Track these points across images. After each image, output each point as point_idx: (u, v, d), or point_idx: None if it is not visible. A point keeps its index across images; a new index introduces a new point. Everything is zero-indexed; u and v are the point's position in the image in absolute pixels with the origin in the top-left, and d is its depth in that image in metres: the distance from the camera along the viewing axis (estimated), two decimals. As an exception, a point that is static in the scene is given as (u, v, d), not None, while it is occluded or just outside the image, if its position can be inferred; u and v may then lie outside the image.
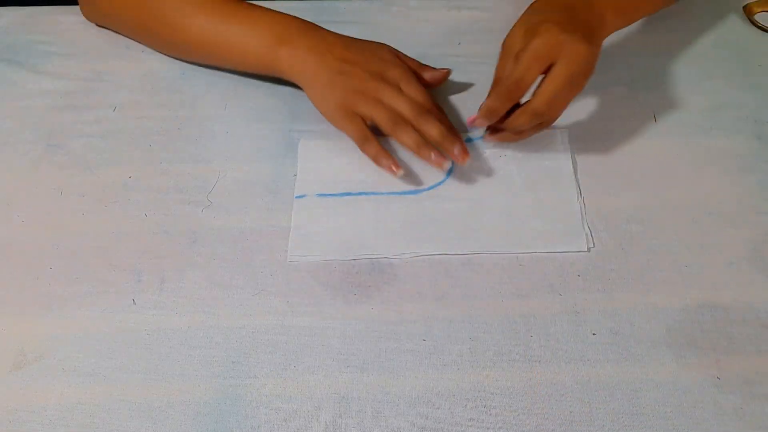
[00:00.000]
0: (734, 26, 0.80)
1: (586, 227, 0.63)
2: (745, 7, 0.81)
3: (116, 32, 0.81)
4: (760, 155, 0.68)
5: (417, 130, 0.64)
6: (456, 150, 0.63)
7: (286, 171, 0.69)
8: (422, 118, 0.64)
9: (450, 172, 0.67)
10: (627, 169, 0.68)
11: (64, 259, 0.63)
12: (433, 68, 0.71)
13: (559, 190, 0.66)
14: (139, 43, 0.80)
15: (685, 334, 0.57)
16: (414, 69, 0.71)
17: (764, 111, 0.72)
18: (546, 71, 0.60)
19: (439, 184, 0.67)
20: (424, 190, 0.66)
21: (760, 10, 0.81)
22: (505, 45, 0.64)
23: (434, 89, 0.75)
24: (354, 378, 0.56)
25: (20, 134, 0.74)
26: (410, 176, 0.67)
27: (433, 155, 0.64)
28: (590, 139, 0.70)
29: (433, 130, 0.64)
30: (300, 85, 0.71)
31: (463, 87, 0.75)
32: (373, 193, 0.66)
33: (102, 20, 0.81)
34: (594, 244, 0.62)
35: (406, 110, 0.65)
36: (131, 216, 0.66)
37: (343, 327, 0.58)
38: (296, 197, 0.66)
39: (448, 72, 0.71)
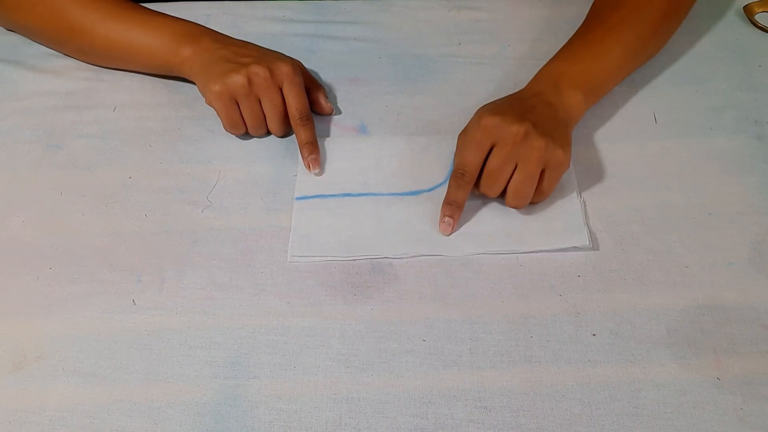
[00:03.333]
0: (734, 26, 0.80)
1: (587, 224, 0.63)
2: (745, 7, 0.81)
3: (27, 38, 0.81)
4: (760, 155, 0.68)
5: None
6: (310, 159, 0.68)
7: (286, 171, 0.69)
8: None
9: (449, 174, 0.67)
10: (627, 170, 0.68)
11: (64, 259, 0.63)
12: (326, 99, 0.74)
13: (560, 189, 0.65)
14: (50, 48, 0.80)
15: (685, 335, 0.57)
16: (310, 87, 0.73)
17: (764, 111, 0.72)
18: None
19: (439, 185, 0.66)
20: (424, 191, 0.66)
21: (760, 10, 0.81)
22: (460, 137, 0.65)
23: (434, 90, 0.75)
24: (354, 378, 0.56)
25: (20, 134, 0.73)
26: (410, 177, 0.67)
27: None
28: (590, 139, 0.70)
29: (300, 135, 0.69)
30: (195, 80, 0.71)
31: (463, 87, 0.75)
32: (374, 194, 0.66)
33: (11, 26, 0.82)
34: (593, 244, 0.62)
35: (270, 110, 0.69)
36: (131, 216, 0.66)
37: (343, 327, 0.58)
38: (296, 198, 0.66)
39: (332, 111, 0.74)
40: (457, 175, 0.63)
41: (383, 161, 0.69)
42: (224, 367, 0.56)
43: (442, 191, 0.65)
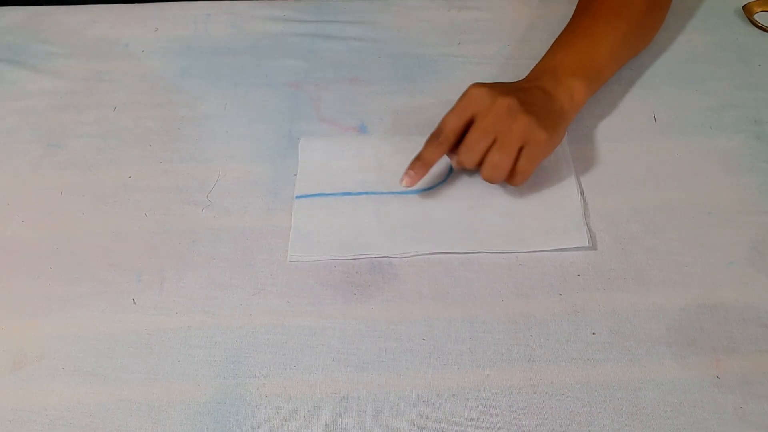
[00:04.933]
0: (734, 26, 0.80)
1: (587, 224, 0.63)
2: (744, 7, 0.81)
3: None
4: (760, 155, 0.68)
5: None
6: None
7: (286, 171, 0.69)
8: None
9: (450, 172, 0.67)
10: (627, 169, 0.68)
11: (64, 259, 0.63)
12: None
13: (560, 188, 0.66)
14: None
15: (685, 334, 0.57)
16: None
17: (764, 111, 0.72)
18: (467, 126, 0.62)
19: (440, 183, 0.67)
20: (425, 189, 0.66)
21: (759, 9, 0.81)
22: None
23: (434, 90, 0.75)
24: (354, 377, 0.56)
25: (20, 134, 0.74)
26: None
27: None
28: (590, 139, 0.70)
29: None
30: None
31: (463, 87, 0.75)
32: (373, 193, 0.66)
33: None
34: (593, 244, 0.62)
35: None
36: (131, 216, 0.66)
37: (343, 327, 0.58)
38: (296, 197, 0.66)
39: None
40: (433, 135, 0.63)
41: (383, 160, 0.69)
42: (224, 366, 0.56)
43: (443, 190, 0.65)
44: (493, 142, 0.61)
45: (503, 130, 0.61)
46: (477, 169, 0.64)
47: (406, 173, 0.63)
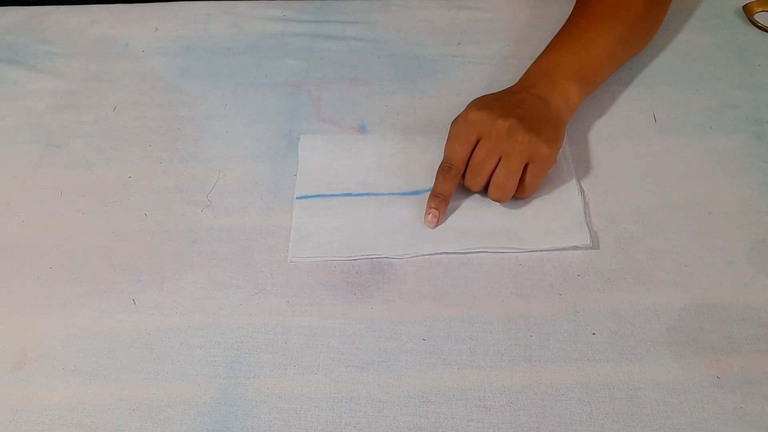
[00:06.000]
0: (733, 26, 0.80)
1: (588, 223, 0.63)
2: (744, 7, 0.81)
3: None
4: (760, 155, 0.68)
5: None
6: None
7: (286, 171, 0.69)
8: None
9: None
10: (627, 169, 0.68)
11: (64, 259, 0.63)
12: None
13: (560, 188, 0.66)
14: None
15: (685, 334, 0.57)
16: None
17: (764, 111, 0.72)
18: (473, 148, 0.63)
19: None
20: (425, 190, 0.66)
21: (759, 9, 0.81)
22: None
23: (434, 90, 0.75)
24: (354, 378, 0.56)
25: (20, 134, 0.74)
26: (411, 177, 0.68)
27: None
28: (590, 139, 0.70)
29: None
30: None
31: (463, 87, 0.75)
32: (374, 194, 0.66)
33: None
34: (593, 243, 0.62)
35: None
36: (131, 216, 0.66)
37: (343, 327, 0.58)
38: (297, 198, 0.66)
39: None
40: (444, 168, 0.63)
41: (384, 160, 0.69)
42: (224, 366, 0.56)
43: (442, 191, 0.65)
44: (498, 163, 0.62)
45: (507, 151, 0.61)
46: (483, 191, 0.64)
47: (428, 213, 0.63)
